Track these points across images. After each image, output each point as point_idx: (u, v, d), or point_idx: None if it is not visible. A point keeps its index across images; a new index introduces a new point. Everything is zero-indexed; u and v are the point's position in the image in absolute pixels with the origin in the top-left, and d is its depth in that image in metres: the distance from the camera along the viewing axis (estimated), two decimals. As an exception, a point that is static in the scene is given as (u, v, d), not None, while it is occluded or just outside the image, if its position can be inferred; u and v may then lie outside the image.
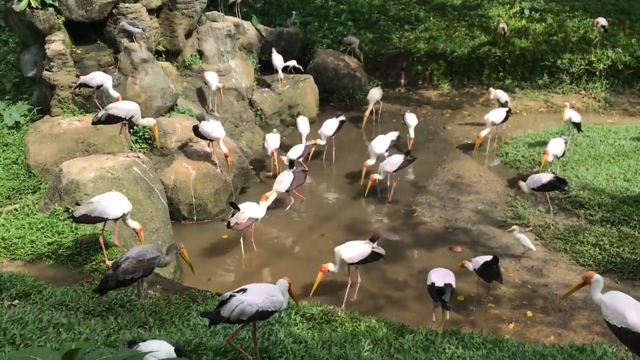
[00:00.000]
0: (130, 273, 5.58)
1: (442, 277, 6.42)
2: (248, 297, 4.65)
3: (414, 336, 5.86)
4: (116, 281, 5.62)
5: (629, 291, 7.48)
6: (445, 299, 6.22)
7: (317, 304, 6.67)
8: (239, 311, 4.60)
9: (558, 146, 10.45)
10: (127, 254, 5.75)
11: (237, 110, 12.83)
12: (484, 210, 10.13)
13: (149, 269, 5.73)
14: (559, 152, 10.44)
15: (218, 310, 4.66)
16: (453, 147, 12.84)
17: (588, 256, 8.40)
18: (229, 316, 4.59)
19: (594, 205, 9.59)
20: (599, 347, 5.79)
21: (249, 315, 4.64)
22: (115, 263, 5.79)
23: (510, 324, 7.13)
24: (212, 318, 4.71)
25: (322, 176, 11.91)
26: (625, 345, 4.89)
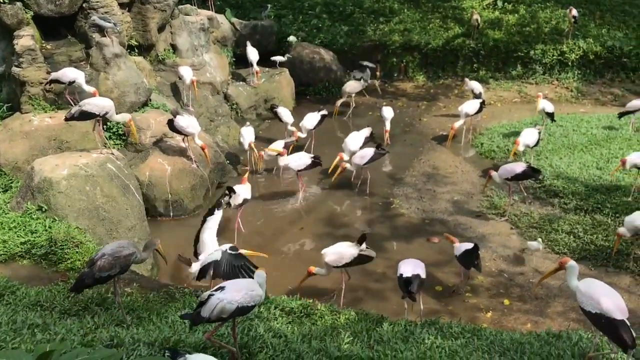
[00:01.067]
0: (106, 270, 5.51)
1: (410, 268, 6.44)
2: (227, 295, 4.62)
3: (393, 327, 5.89)
4: (93, 279, 5.53)
5: (602, 277, 7.63)
6: (412, 290, 6.23)
7: (297, 298, 6.66)
8: (219, 310, 4.57)
9: (530, 136, 10.56)
10: (102, 251, 5.67)
11: (212, 104, 12.72)
12: (460, 200, 10.21)
13: (126, 266, 5.66)
14: (530, 142, 10.54)
15: (198, 310, 4.62)
16: (429, 138, 12.91)
17: (563, 244, 8.52)
18: (209, 316, 4.57)
19: (568, 194, 9.73)
20: (575, 334, 5.87)
21: (230, 313, 4.62)
22: (90, 260, 5.71)
23: (487, 313, 7.21)
24: (192, 319, 4.66)
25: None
26: (599, 330, 4.98)
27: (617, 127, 12.63)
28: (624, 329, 4.76)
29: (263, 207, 10.16)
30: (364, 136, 11.12)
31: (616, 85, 15.63)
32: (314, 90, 15.76)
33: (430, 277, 7.61)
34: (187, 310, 5.99)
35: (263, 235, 9.23)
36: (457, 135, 12.39)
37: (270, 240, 9.10)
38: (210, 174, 10.28)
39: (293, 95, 14.91)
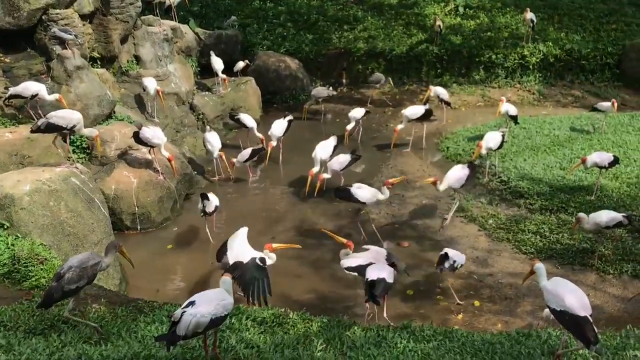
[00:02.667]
0: (75, 282, 5.43)
1: (376, 272, 6.44)
2: (199, 309, 4.59)
3: (365, 332, 5.89)
4: (62, 292, 5.42)
5: (569, 276, 7.81)
6: (376, 293, 6.23)
7: (269, 307, 6.61)
8: (195, 325, 4.54)
9: (493, 139, 10.69)
10: (68, 264, 5.56)
11: (177, 115, 12.62)
12: (428, 204, 10.31)
13: (93, 276, 5.59)
14: (493, 145, 10.66)
15: (173, 330, 4.57)
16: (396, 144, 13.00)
17: (530, 244, 8.68)
18: (185, 333, 4.53)
19: (533, 195, 9.91)
20: (544, 332, 5.98)
21: (205, 326, 4.59)
22: (57, 274, 5.56)
23: (459, 315, 7.28)
24: (168, 340, 4.58)
25: (268, 177, 11.85)
26: (564, 327, 5.06)
27: (578, 128, 12.94)
28: (587, 325, 4.85)
29: (232, 216, 10.08)
30: (332, 145, 11.16)
31: (576, 87, 16.04)
32: (281, 99, 15.78)
33: (401, 281, 7.66)
34: (157, 324, 5.90)
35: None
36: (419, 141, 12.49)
37: (240, 250, 9.01)
38: (178, 185, 10.18)
39: (260, 103, 14.89)
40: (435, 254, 8.69)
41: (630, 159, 11.10)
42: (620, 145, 11.81)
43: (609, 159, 9.69)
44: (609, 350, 5.25)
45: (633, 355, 5.04)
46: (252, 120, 12.37)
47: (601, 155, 9.75)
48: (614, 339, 5.72)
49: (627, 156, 11.21)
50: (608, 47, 16.13)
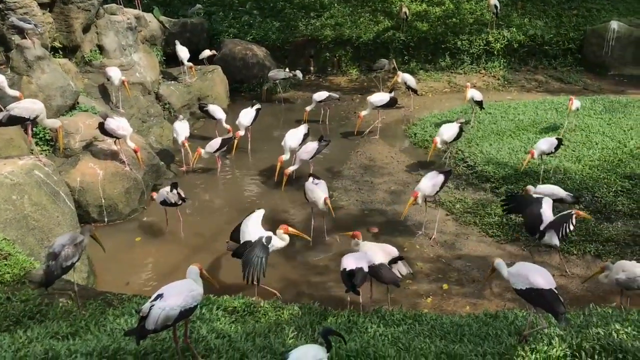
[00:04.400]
0: (70, 258, 5.84)
1: (353, 261, 6.46)
2: (168, 302, 4.54)
3: (336, 319, 5.93)
4: (61, 269, 5.80)
5: (534, 257, 7.98)
6: (355, 282, 6.26)
7: (240, 296, 6.59)
8: (164, 318, 4.49)
9: (447, 132, 10.67)
10: (58, 243, 5.90)
11: (143, 105, 12.41)
12: (397, 190, 10.38)
13: (82, 252, 6.03)
14: (447, 138, 10.63)
15: (142, 324, 4.50)
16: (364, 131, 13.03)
17: (496, 227, 8.82)
18: (155, 327, 4.48)
19: (498, 179, 10.06)
20: (511, 313, 6.11)
21: (174, 318, 4.55)
22: (51, 254, 5.84)
23: (428, 298, 7.37)
24: (138, 335, 4.52)
25: (238, 167, 11.77)
26: (532, 304, 5.18)
27: (541, 112, 13.16)
28: (553, 297, 5.02)
29: (200, 207, 9.99)
30: (302, 133, 11.12)
31: (539, 72, 16.29)
32: (249, 87, 15.64)
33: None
34: (126, 317, 5.83)
35: (202, 237, 9.08)
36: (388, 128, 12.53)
37: (209, 241, 8.96)
38: (145, 176, 10.03)
39: (227, 92, 14.74)
40: (404, 239, 8.83)
41: (592, 142, 11.34)
42: (583, 128, 12.05)
43: (554, 143, 9.86)
44: (572, 328, 5.37)
45: (596, 333, 5.16)
46: (221, 111, 12.23)
47: (547, 142, 9.84)
48: (578, 317, 5.87)
49: (589, 139, 11.46)
50: (570, 33, 16.42)
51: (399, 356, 4.89)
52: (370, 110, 12.57)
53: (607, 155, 10.67)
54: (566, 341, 5.01)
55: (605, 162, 10.42)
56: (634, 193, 9.35)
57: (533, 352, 4.95)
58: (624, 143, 11.11)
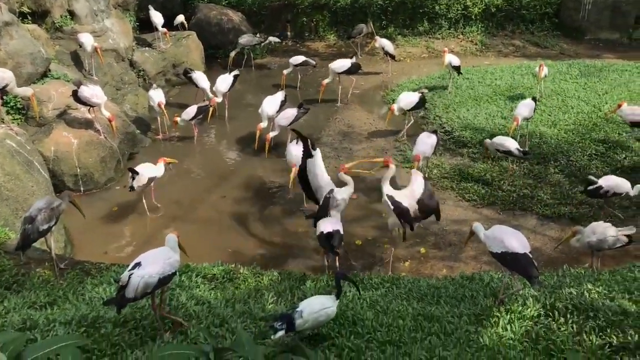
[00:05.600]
0: (47, 222, 5.89)
1: (330, 225, 6.54)
2: (146, 269, 4.55)
3: (315, 284, 5.99)
4: (37, 233, 5.85)
5: (510, 221, 8.11)
6: (334, 244, 6.34)
7: (219, 263, 6.61)
8: (143, 286, 4.50)
9: (405, 100, 10.66)
10: (35, 207, 5.94)
11: (117, 72, 12.16)
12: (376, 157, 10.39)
13: (59, 216, 6.09)
14: (405, 106, 10.62)
15: (122, 293, 4.51)
16: (343, 97, 12.97)
17: (473, 192, 8.91)
18: (135, 295, 4.49)
19: (475, 144, 10.13)
20: (487, 275, 6.21)
21: (154, 286, 4.57)
22: (27, 218, 5.87)
23: (405, 262, 7.46)
24: (118, 304, 4.53)
25: (216, 135, 11.69)
26: (506, 267, 5.28)
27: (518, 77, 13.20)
28: (527, 261, 5.10)
29: (178, 175, 9.92)
30: (279, 100, 11.02)
31: (517, 37, 16.29)
32: (224, 53, 15.39)
33: (350, 231, 7.77)
34: (105, 286, 5.82)
35: (180, 205, 9.04)
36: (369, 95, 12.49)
37: (188, 210, 8.94)
38: (121, 144, 9.90)
39: (202, 58, 14.52)
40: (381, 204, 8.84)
41: (567, 106, 11.45)
42: (559, 92, 12.15)
43: (533, 106, 9.95)
44: (547, 289, 5.49)
45: (569, 293, 5.28)
46: (206, 80, 12.00)
47: (527, 106, 9.89)
48: (552, 278, 6.00)
49: (565, 104, 11.56)
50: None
51: (377, 318, 4.96)
52: (332, 78, 12.54)
53: (582, 120, 10.79)
54: (540, 301, 5.13)
55: (580, 126, 10.54)
56: (608, 156, 9.50)
57: (508, 312, 5.05)
58: (598, 107, 11.23)
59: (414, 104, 10.72)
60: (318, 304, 4.55)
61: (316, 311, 4.49)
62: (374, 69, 14.80)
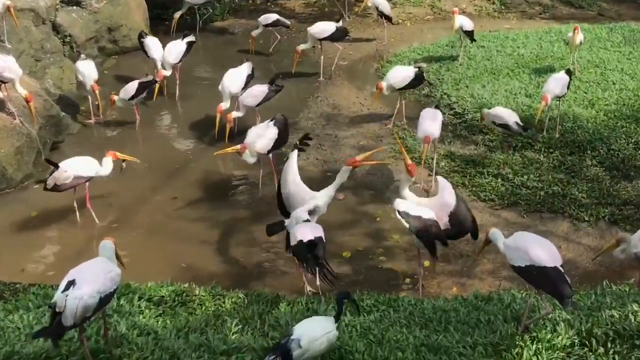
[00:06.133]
0: None
1: (309, 231, 6.53)
2: (84, 289, 4.62)
3: (291, 307, 6.00)
4: None
5: (536, 225, 8.18)
6: (319, 254, 6.33)
7: (168, 282, 6.58)
8: (82, 309, 4.57)
9: (397, 75, 10.73)
10: None
11: (36, 38, 12.02)
12: (368, 146, 10.39)
13: None
14: (396, 84, 10.66)
15: (58, 320, 4.56)
16: (327, 70, 12.97)
17: (490, 189, 8.97)
18: (74, 322, 4.56)
19: (493, 129, 10.19)
20: (507, 294, 6.27)
21: (94, 308, 4.66)
22: None
23: (406, 279, 7.49)
24: (54, 334, 4.58)
25: (164, 118, 11.65)
26: (532, 284, 5.34)
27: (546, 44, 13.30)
28: (558, 276, 5.13)
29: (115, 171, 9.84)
30: (244, 74, 10.98)
31: (544, -6, 16.43)
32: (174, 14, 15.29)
33: (334, 240, 7.78)
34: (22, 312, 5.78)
35: (119, 209, 8.96)
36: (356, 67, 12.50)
37: (129, 214, 8.87)
38: (41, 131, 9.82)
39: (147, 21, 14.41)
40: (376, 206, 8.91)
41: (608, 81, 11.57)
42: (597, 64, 12.27)
43: (566, 81, 10.02)
44: (582, 312, 5.55)
45: (609, 316, 5.35)
46: (160, 49, 11.93)
47: (558, 82, 9.95)
48: (589, 297, 6.06)
49: (605, 78, 11.69)
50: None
51: (370, 351, 4.98)
52: (312, 45, 12.59)
53: (626, 98, 10.91)
54: (574, 327, 5.19)
55: (624, 107, 10.66)
56: (659, 144, 9.62)
57: (534, 341, 5.11)
58: (647, 82, 11.39)
59: (407, 81, 10.76)
60: (319, 328, 4.64)
61: (317, 338, 4.58)
62: (365, 35, 14.80)
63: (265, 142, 9.07)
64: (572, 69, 11.40)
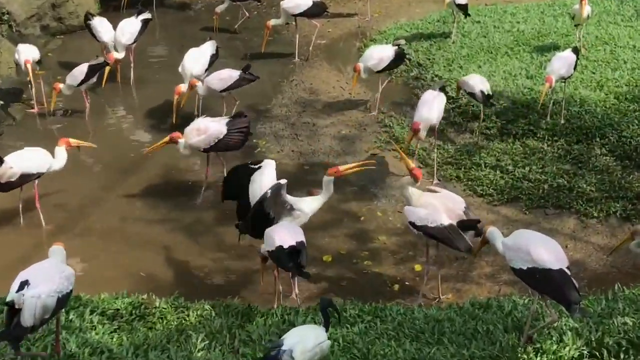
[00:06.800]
0: None
1: (290, 235, 6.46)
2: (40, 288, 4.72)
3: (265, 320, 5.98)
4: None
5: (540, 223, 8.23)
6: (302, 262, 6.31)
7: (124, 293, 6.54)
8: (41, 310, 4.68)
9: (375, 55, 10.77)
10: None
11: (-34, 16, 11.93)
12: (349, 135, 10.43)
13: None
14: (373, 65, 10.72)
15: (17, 322, 4.64)
16: (303, 50, 12.95)
17: (487, 182, 9.01)
18: (33, 323, 4.67)
19: (490, 115, 10.25)
20: (507, 300, 6.29)
21: (53, 308, 4.77)
22: None
23: (394, 285, 7.50)
24: (13, 336, 4.65)
25: (117, 106, 11.64)
26: (535, 289, 5.36)
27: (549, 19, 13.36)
28: (564, 280, 5.14)
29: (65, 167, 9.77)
30: (208, 54, 10.95)
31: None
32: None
33: (315, 245, 7.78)
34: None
35: (68, 210, 8.90)
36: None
37: (78, 217, 8.82)
38: (-27, 123, 9.73)
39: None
40: (360, 203, 8.92)
41: (619, 60, 11.64)
42: (607, 41, 12.34)
43: (572, 61, 10.06)
44: (592, 319, 5.59)
45: (622, 323, 5.38)
46: (110, 30, 11.85)
47: (564, 61, 9.98)
48: (599, 303, 6.10)
49: (615, 56, 11.76)
50: None
51: (354, 367, 5.00)
52: (284, 20, 12.64)
53: (638, 79, 10.96)
54: (583, 336, 5.23)
55: (636, 88, 10.71)
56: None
57: (538, 353, 5.14)
58: (662, 61, 11.47)
59: (387, 62, 10.80)
60: (311, 338, 4.70)
61: (310, 348, 4.63)
62: (346, 10, 14.83)
63: (204, 139, 8.91)
64: (578, 46, 11.47)
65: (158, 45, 13.35)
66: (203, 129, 8.94)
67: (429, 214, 6.85)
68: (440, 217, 6.82)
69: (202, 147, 8.96)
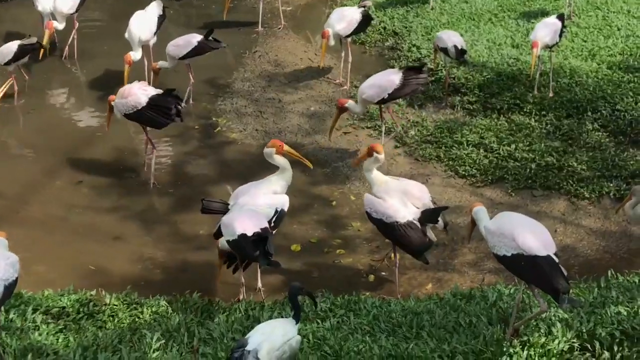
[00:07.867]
0: None
1: (252, 221, 6.47)
2: None
3: (227, 316, 5.99)
4: None
5: (527, 205, 8.30)
6: (270, 250, 6.31)
7: (70, 289, 6.51)
8: None
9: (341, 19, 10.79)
10: None
11: None
12: (319, 112, 10.43)
13: None
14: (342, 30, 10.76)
15: None
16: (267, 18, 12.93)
17: (470, 162, 9.07)
18: None
19: (473, 88, 10.31)
20: (492, 290, 6.34)
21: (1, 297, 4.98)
22: None
23: (370, 276, 7.54)
24: None
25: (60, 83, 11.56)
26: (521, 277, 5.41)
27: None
28: (552, 267, 5.17)
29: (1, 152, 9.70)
30: (155, 14, 10.89)
31: None
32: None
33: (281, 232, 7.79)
34: None
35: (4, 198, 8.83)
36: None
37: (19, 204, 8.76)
38: None
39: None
40: (331, 187, 8.93)
41: (612, 26, 11.75)
42: (598, 6, 12.42)
43: (557, 26, 10.10)
44: (582, 309, 5.65)
45: (616, 313, 5.44)
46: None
47: (549, 27, 10.04)
48: (590, 291, 6.17)
49: (608, 22, 11.87)
50: None
51: (325, 365, 5.02)
52: None
53: (633, 47, 11.08)
54: (573, 328, 5.28)
55: (631, 57, 10.83)
56: (673, 103, 9.80)
57: (525, 346, 5.18)
58: (659, 28, 11.59)
59: (355, 26, 10.86)
60: (278, 334, 4.67)
61: (278, 347, 4.60)
62: (313, -28, 14.77)
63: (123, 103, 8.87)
64: (568, 12, 11.54)
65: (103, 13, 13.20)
66: (126, 93, 8.91)
67: (387, 208, 6.87)
68: (398, 213, 6.84)
69: (121, 111, 8.94)
